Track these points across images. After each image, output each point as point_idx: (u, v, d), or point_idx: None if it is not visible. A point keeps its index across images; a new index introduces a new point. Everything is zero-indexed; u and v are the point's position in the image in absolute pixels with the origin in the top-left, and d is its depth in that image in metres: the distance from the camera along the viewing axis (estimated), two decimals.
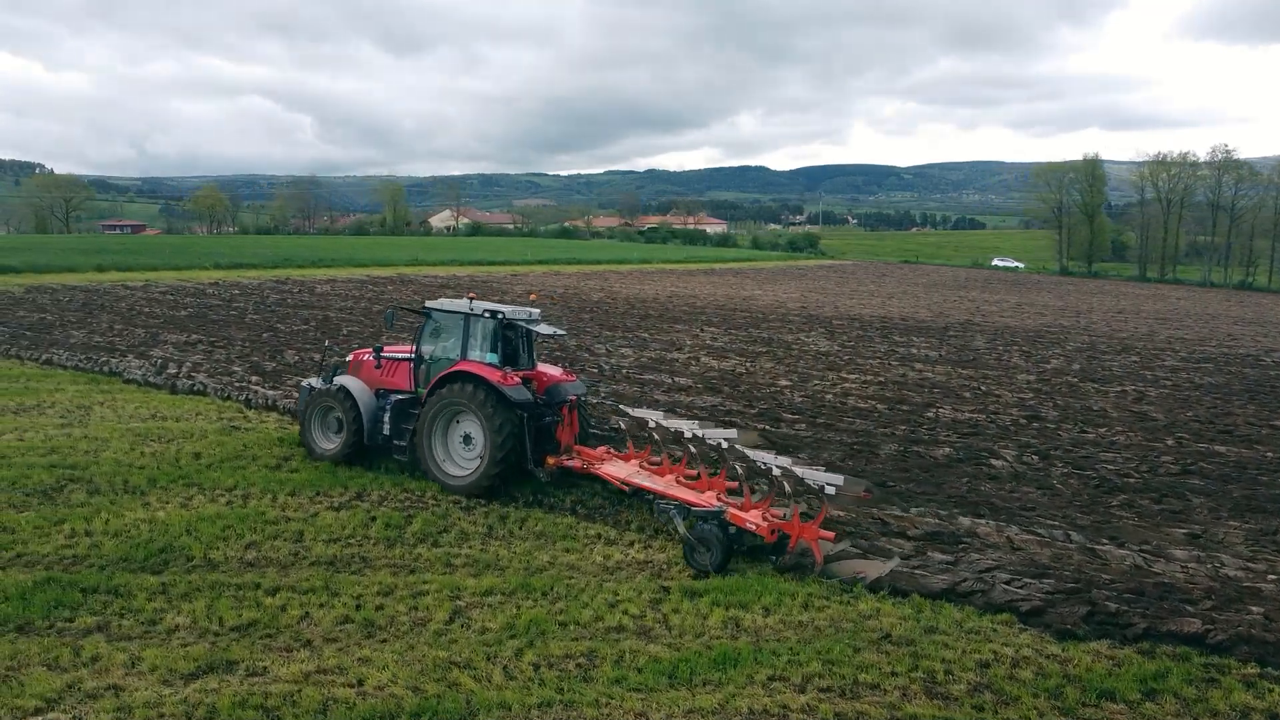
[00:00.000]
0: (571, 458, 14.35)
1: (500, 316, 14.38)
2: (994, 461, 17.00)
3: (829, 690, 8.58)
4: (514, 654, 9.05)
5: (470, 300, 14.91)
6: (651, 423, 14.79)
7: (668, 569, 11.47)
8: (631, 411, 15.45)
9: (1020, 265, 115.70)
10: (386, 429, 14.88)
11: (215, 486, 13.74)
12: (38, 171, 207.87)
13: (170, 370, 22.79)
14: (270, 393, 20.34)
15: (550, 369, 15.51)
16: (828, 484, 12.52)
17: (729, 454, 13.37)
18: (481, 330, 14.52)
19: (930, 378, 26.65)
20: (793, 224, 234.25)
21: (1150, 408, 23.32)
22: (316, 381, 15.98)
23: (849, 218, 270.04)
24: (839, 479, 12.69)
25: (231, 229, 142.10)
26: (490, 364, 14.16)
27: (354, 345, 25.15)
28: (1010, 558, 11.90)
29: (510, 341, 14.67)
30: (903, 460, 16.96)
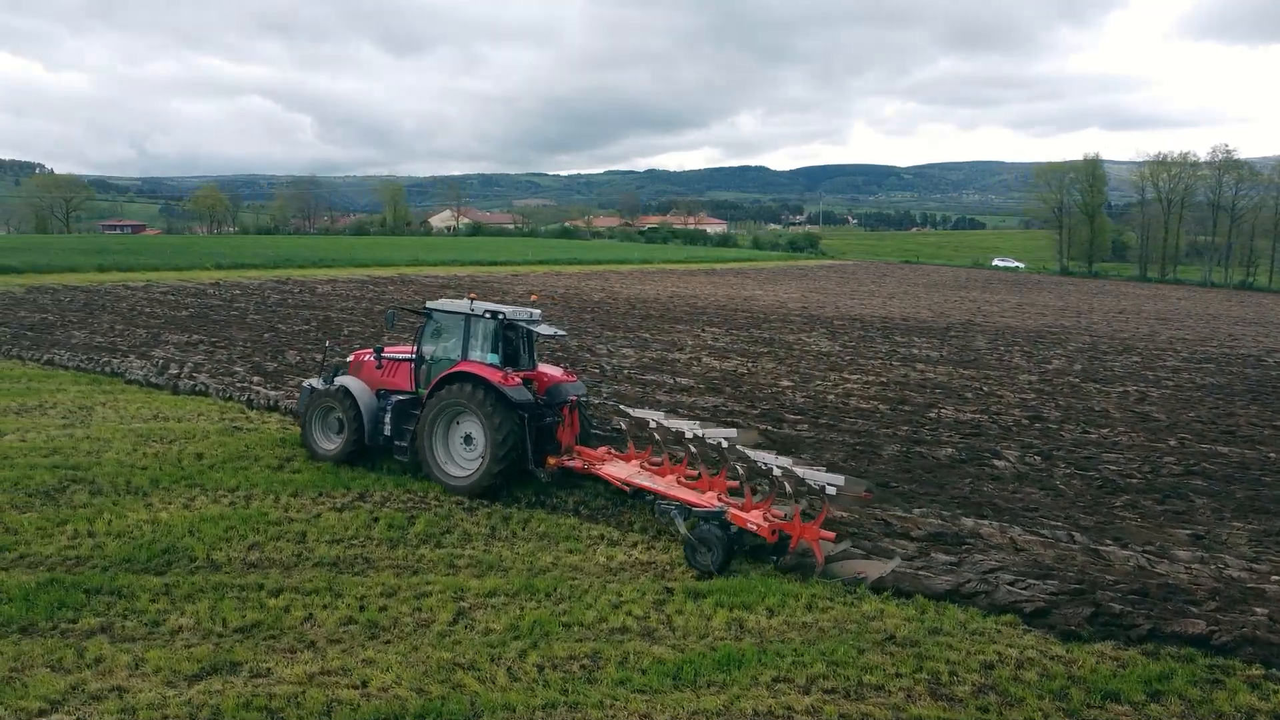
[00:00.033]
0: (572, 458, 14.34)
1: (501, 317, 14.36)
2: (997, 462, 16.99)
3: (834, 692, 8.57)
4: (518, 655, 9.03)
5: (471, 301, 14.89)
6: (652, 423, 14.78)
7: (671, 570, 11.46)
8: (632, 412, 15.43)
9: (1020, 265, 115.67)
10: (387, 429, 14.86)
11: (218, 487, 13.72)
12: (38, 171, 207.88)
13: (172, 371, 22.77)
14: (272, 393, 20.32)
15: (551, 369, 15.49)
16: (828, 484, 12.50)
17: (729, 454, 13.35)
18: (482, 331, 14.51)
19: (932, 378, 26.63)
20: (793, 224, 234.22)
21: (1152, 408, 23.31)
22: (317, 382, 15.96)
23: (849, 218, 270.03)
24: (840, 479, 12.68)
25: (232, 229, 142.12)
26: (491, 364, 14.15)
27: (355, 346, 25.14)
28: (1014, 559, 11.89)
29: (511, 342, 14.65)
30: (905, 461, 16.95)
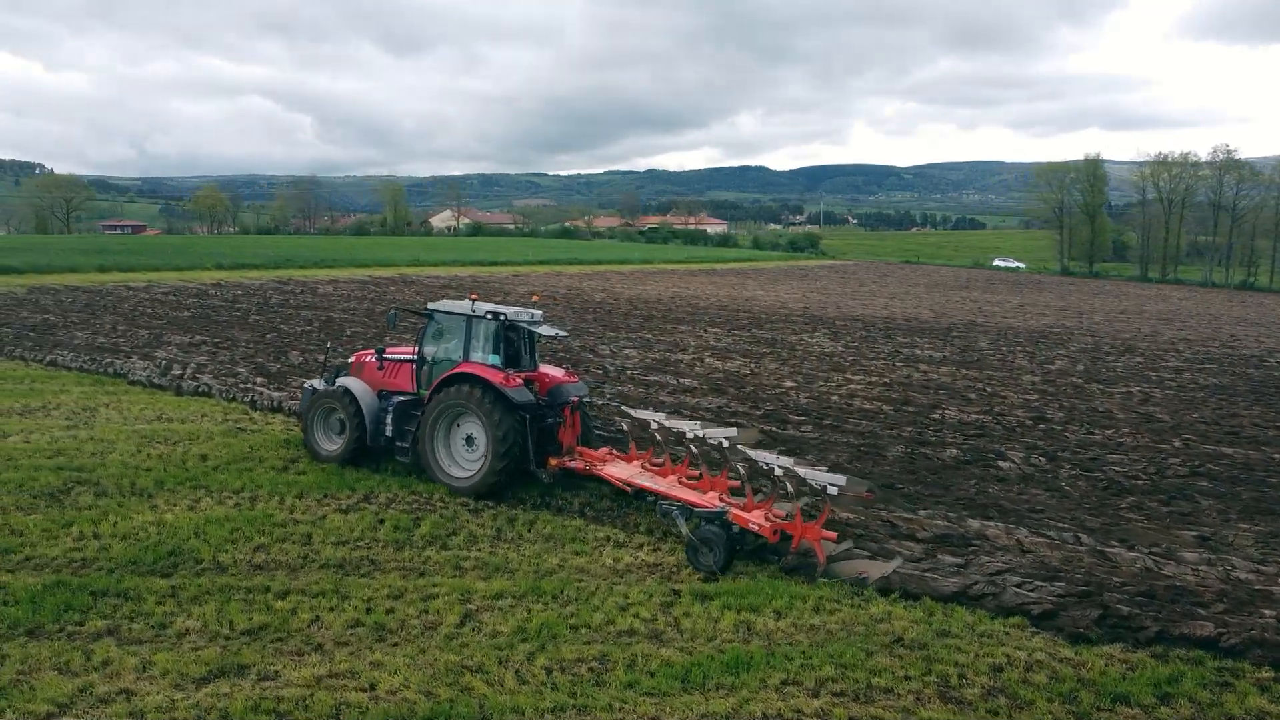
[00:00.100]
0: (574, 459, 14.33)
1: (502, 318, 14.35)
2: (1001, 463, 16.97)
3: (842, 694, 8.56)
4: (526, 658, 9.02)
5: (472, 301, 14.87)
6: (653, 424, 14.77)
7: (677, 572, 11.44)
8: (633, 413, 15.42)
9: (1021, 265, 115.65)
10: (389, 430, 14.84)
11: (222, 489, 13.71)
12: (38, 172, 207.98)
13: (175, 371, 22.74)
14: (275, 394, 20.30)
15: (552, 370, 15.47)
16: (830, 484, 12.50)
17: (731, 454, 13.33)
18: (484, 332, 14.49)
19: (935, 379, 26.61)
20: (793, 224, 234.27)
21: (1156, 409, 23.29)
22: (319, 383, 15.94)
23: (849, 218, 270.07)
24: (841, 479, 12.67)
25: (232, 229, 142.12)
26: (492, 365, 14.13)
27: (358, 346, 25.11)
28: (1020, 560, 11.87)
29: (512, 343, 14.63)
30: (910, 462, 16.93)
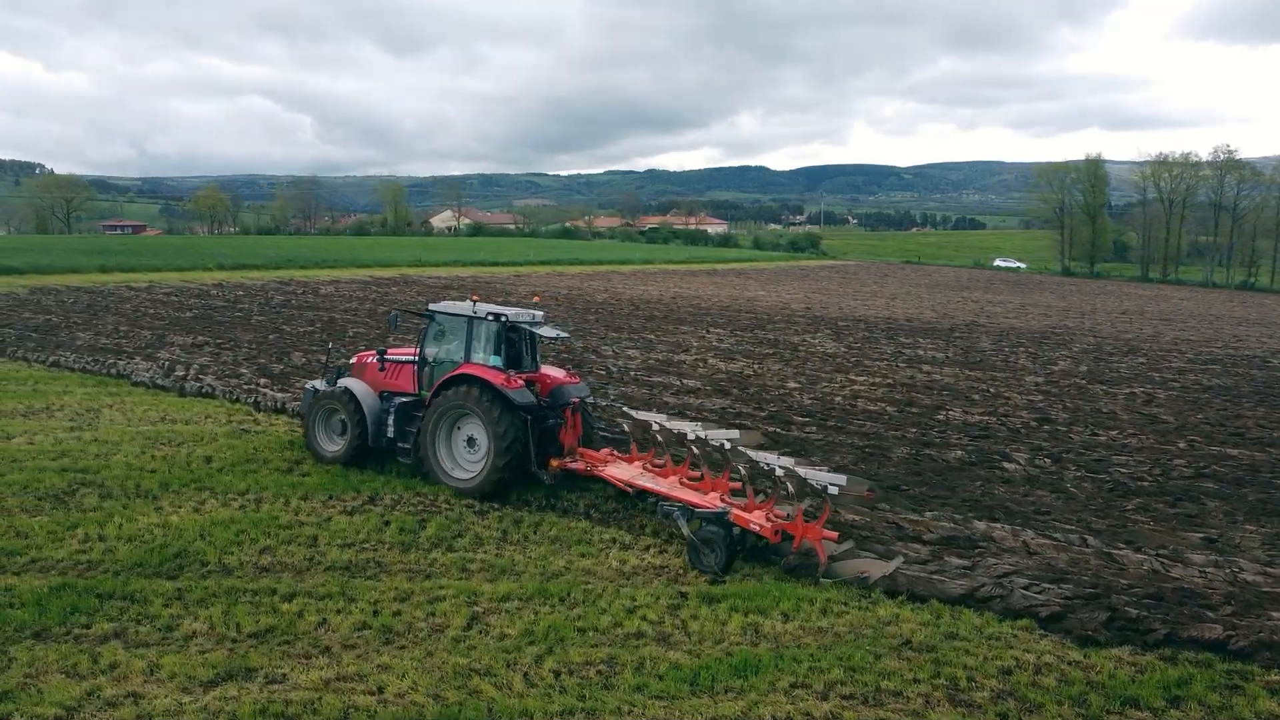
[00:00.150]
0: (575, 460, 14.33)
1: (503, 319, 14.33)
2: (1006, 465, 16.94)
3: (851, 697, 8.53)
4: (534, 661, 8.99)
5: (473, 302, 14.85)
6: (655, 425, 14.76)
7: (684, 574, 11.42)
8: (635, 414, 15.41)
9: (1022, 266, 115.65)
10: (390, 431, 14.83)
11: (227, 490, 13.69)
12: (38, 172, 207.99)
13: (178, 372, 22.73)
14: (279, 395, 20.28)
15: (554, 371, 15.45)
16: (830, 484, 12.49)
17: (732, 455, 13.33)
18: (485, 333, 14.48)
19: (938, 379, 26.58)
20: (793, 224, 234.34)
21: (1160, 410, 23.26)
22: (320, 383, 15.95)
23: (849, 218, 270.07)
24: (842, 479, 12.65)
25: (232, 229, 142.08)
26: (494, 367, 14.12)
27: (360, 347, 25.08)
28: (1027, 562, 11.86)
29: (514, 344, 14.62)
30: (915, 463, 16.90)
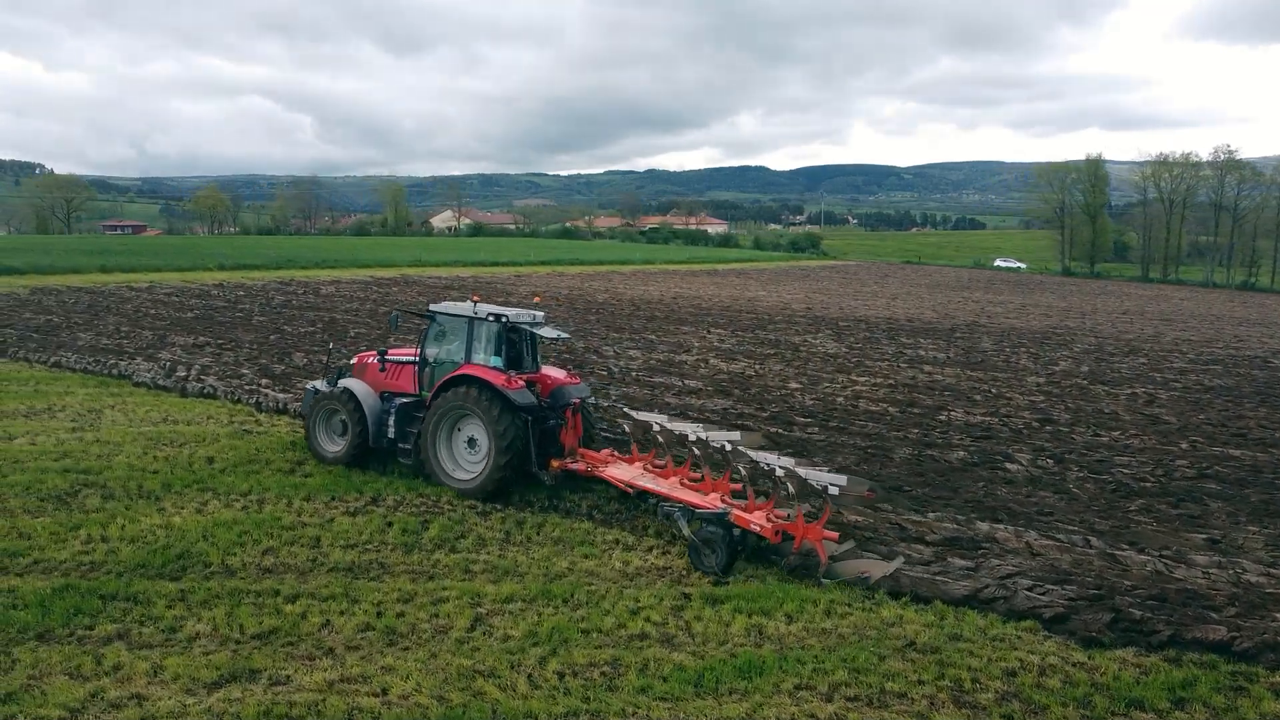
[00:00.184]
0: (575, 461, 14.34)
1: (504, 320, 14.33)
2: (1009, 465, 16.93)
3: (856, 699, 8.52)
4: (538, 662, 8.99)
5: (474, 303, 14.85)
6: (656, 425, 14.77)
7: (687, 575, 11.41)
8: (635, 414, 15.42)
9: (1022, 266, 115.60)
10: (391, 432, 14.83)
11: (230, 491, 13.68)
12: (38, 172, 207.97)
13: (179, 373, 22.71)
14: (281, 395, 20.27)
15: (554, 371, 15.45)
16: (830, 484, 12.49)
17: (733, 456, 13.33)
18: (485, 333, 14.48)
19: (940, 380, 26.56)
20: (793, 224, 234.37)
21: (1162, 410, 23.24)
22: (321, 384, 15.96)
23: (849, 218, 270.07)
24: (842, 479, 12.64)
25: (232, 229, 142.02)
26: (494, 367, 14.12)
27: (361, 347, 25.08)
28: (1030, 563, 11.85)
29: (514, 344, 14.61)
30: (917, 464, 16.89)
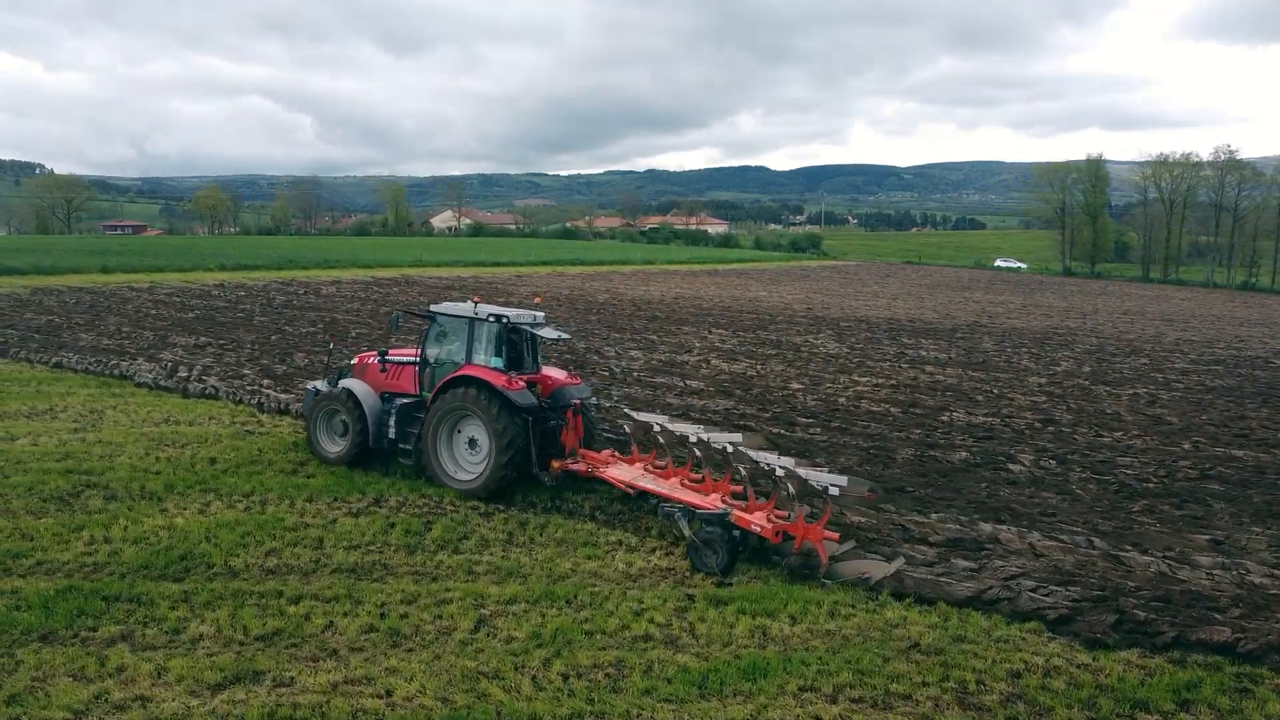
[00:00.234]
0: (576, 461, 14.34)
1: (504, 320, 14.32)
2: (1012, 466, 16.91)
3: (861, 701, 8.52)
4: (542, 664, 8.98)
5: (475, 304, 14.84)
6: (656, 426, 14.78)
7: (691, 576, 11.40)
8: (636, 415, 15.43)
9: (1023, 266, 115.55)
10: (392, 432, 14.84)
11: (232, 492, 13.67)
12: (38, 172, 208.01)
13: (181, 374, 22.69)
14: (282, 396, 20.26)
15: (555, 372, 15.45)
16: (831, 485, 12.49)
17: (734, 457, 13.35)
18: (486, 334, 14.47)
19: (942, 380, 26.55)
20: (793, 224, 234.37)
21: (1164, 411, 23.23)
22: (322, 384, 15.96)
23: (849, 218, 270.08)
24: (843, 480, 12.64)
25: (233, 229, 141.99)
26: (495, 368, 14.12)
27: (363, 348, 25.06)
28: (1034, 564, 11.83)
29: (515, 345, 14.60)
30: (920, 465, 16.88)
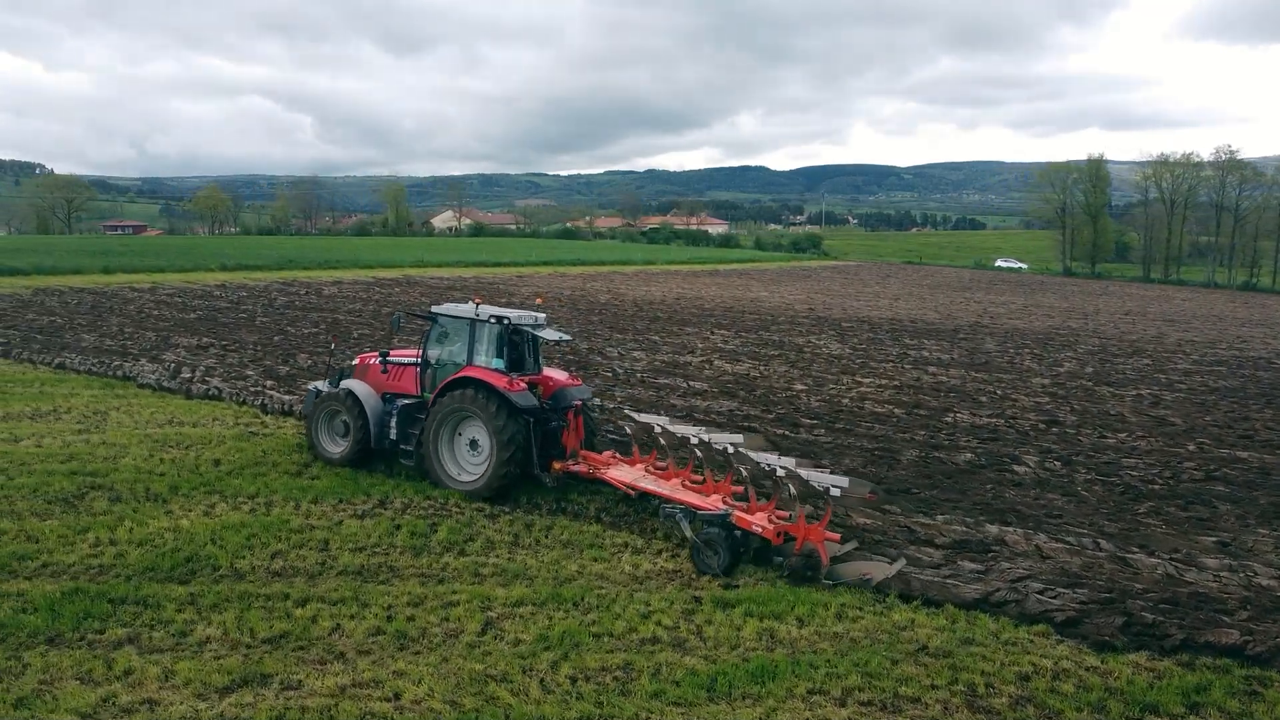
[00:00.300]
0: (577, 463, 14.33)
1: (506, 322, 14.31)
2: (1017, 467, 16.89)
3: (870, 704, 8.50)
4: (550, 666, 8.96)
5: (476, 305, 14.83)
6: (658, 427, 14.77)
7: (697, 578, 11.38)
8: (637, 416, 15.42)
9: (1023, 266, 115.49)
10: (393, 433, 14.84)
11: (237, 494, 13.65)
12: (38, 172, 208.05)
13: (184, 374, 22.68)
14: (286, 397, 20.25)
15: (556, 373, 15.44)
16: (833, 486, 12.49)
17: (735, 458, 13.34)
18: (487, 335, 14.47)
19: (945, 381, 26.52)
20: (793, 224, 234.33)
21: (1168, 412, 23.20)
22: (323, 385, 15.95)
23: (849, 218, 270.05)
24: (844, 481, 12.63)
25: (233, 229, 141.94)
26: (496, 370, 14.11)
27: (365, 348, 25.06)
28: (1041, 566, 11.82)
29: (516, 346, 14.60)
30: (924, 466, 16.86)
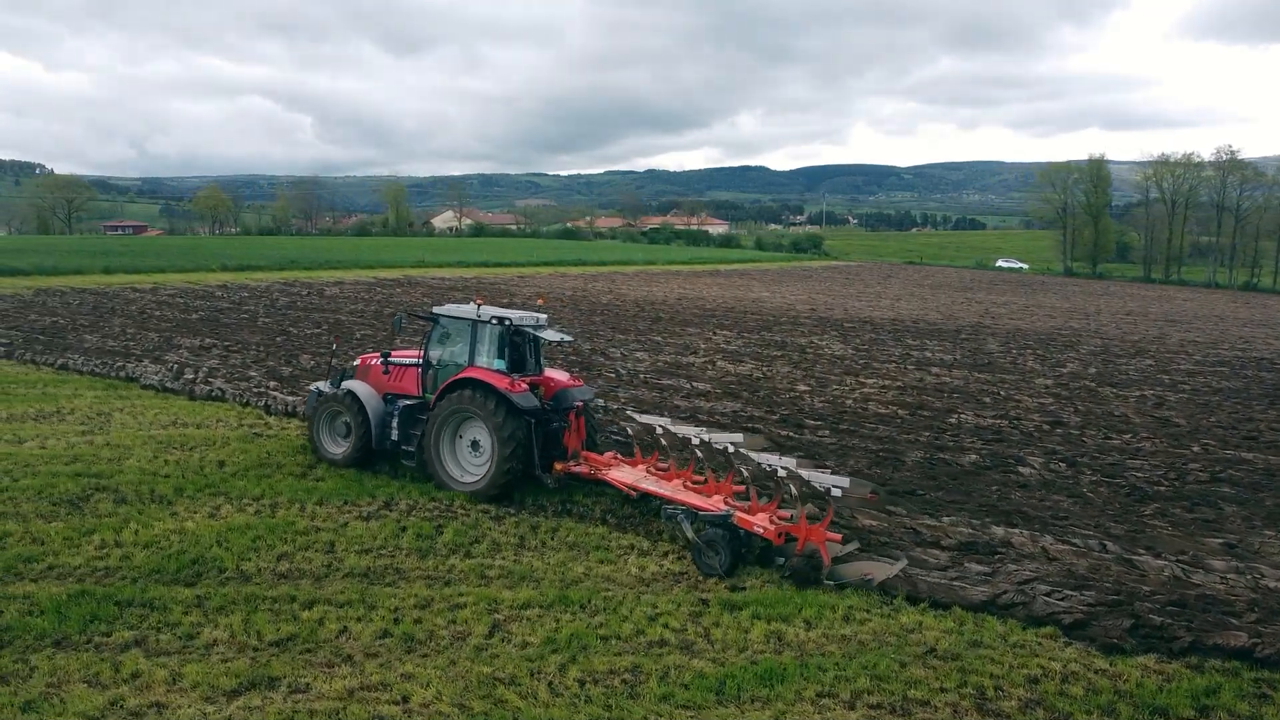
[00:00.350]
0: (579, 463, 14.32)
1: (507, 323, 14.29)
2: (1022, 469, 16.87)
3: (879, 707, 8.48)
4: (558, 669, 8.94)
5: (478, 306, 14.82)
6: (659, 428, 14.75)
7: (704, 581, 11.36)
8: (639, 417, 15.39)
9: (1024, 266, 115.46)
10: (395, 434, 14.83)
11: (242, 496, 13.63)
12: (38, 172, 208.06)
13: (187, 375, 22.66)
14: (289, 398, 20.22)
15: (557, 374, 15.43)
16: (834, 486, 12.46)
17: (736, 458, 13.31)
18: (489, 336, 14.45)
19: (948, 382, 26.50)
20: (793, 224, 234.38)
21: (1172, 413, 23.18)
22: (324, 385, 15.94)
23: (849, 218, 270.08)
24: (845, 481, 12.62)
25: (234, 230, 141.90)
26: (498, 370, 14.10)
27: (367, 349, 25.06)
28: (1048, 568, 11.80)
29: (518, 347, 14.58)
30: (929, 467, 16.83)
